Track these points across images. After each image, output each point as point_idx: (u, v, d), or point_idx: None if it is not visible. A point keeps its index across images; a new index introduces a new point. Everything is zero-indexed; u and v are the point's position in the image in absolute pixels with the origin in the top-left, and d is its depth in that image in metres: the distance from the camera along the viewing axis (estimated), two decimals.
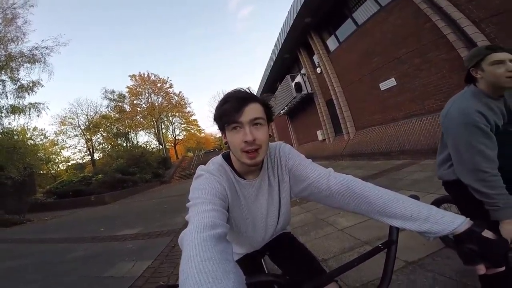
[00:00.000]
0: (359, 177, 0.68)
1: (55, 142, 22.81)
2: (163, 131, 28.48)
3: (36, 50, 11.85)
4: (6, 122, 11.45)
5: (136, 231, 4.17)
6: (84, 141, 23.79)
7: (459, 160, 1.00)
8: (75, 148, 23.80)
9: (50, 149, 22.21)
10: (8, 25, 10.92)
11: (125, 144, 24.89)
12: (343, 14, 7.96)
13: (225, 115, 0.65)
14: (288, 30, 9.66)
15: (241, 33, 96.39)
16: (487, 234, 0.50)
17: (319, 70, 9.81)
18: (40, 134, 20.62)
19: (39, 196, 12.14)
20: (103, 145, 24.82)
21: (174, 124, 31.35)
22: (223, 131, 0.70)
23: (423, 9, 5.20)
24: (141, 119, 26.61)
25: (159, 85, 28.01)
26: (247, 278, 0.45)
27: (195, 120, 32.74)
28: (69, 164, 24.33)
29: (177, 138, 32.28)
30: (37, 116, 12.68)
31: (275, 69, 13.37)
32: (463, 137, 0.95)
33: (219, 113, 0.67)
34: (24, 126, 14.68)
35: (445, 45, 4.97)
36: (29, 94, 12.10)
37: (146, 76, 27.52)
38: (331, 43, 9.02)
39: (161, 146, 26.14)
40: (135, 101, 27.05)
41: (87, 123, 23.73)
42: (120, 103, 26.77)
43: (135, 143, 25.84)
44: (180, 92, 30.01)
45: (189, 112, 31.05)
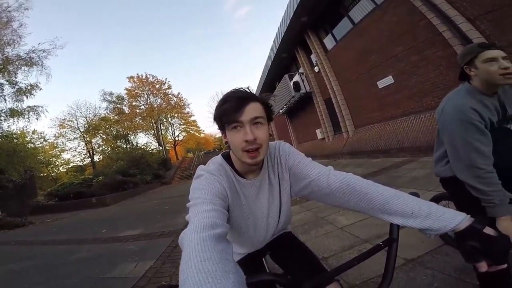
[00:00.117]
0: (359, 175, 0.68)
1: (55, 145, 22.80)
2: (163, 132, 28.42)
3: (33, 53, 11.74)
4: (5, 126, 11.40)
5: (137, 232, 4.18)
6: (84, 144, 23.77)
7: (455, 157, 1.01)
8: (75, 150, 23.81)
9: (50, 152, 22.17)
10: (3, 28, 10.79)
11: (125, 146, 24.83)
12: (339, 13, 7.97)
13: (225, 114, 0.65)
14: (285, 29, 9.67)
15: (239, 33, 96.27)
16: (488, 231, 0.49)
17: (317, 69, 9.82)
18: (40, 137, 20.60)
19: (40, 199, 12.16)
20: (103, 147, 24.79)
21: (173, 125, 31.33)
22: (223, 131, 0.70)
23: (418, 6, 5.21)
24: (140, 121, 26.54)
25: (157, 86, 27.93)
26: (247, 277, 0.44)
27: (194, 121, 32.72)
28: (69, 166, 24.39)
29: (176, 139, 32.20)
30: (36, 119, 12.57)
31: (273, 68, 13.37)
32: (458, 134, 0.96)
33: (219, 113, 0.67)
34: (24, 130, 14.67)
35: (441, 42, 4.99)
36: (27, 97, 12.00)
37: (144, 77, 27.45)
38: (328, 41, 9.02)
39: (161, 147, 26.09)
40: (133, 103, 26.99)
41: (86, 125, 23.68)
42: (119, 105, 26.67)
43: (135, 144, 25.81)
44: (179, 93, 30.05)
45: (188, 113, 31.04)
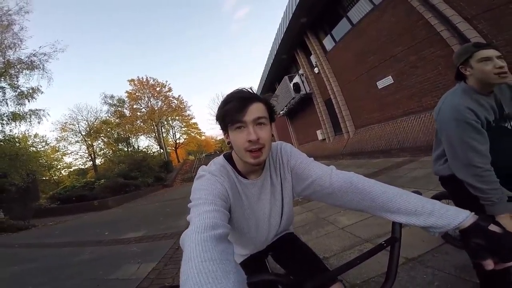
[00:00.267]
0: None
1: (57, 149, 22.89)
2: (164, 135, 28.47)
3: (35, 56, 11.80)
4: (7, 130, 11.46)
5: (140, 234, 4.20)
6: (86, 147, 23.84)
7: (453, 156, 1.02)
8: (77, 154, 23.89)
9: (52, 156, 22.29)
10: (4, 31, 10.86)
11: (126, 149, 24.90)
12: (338, 14, 8.01)
13: (228, 115, 0.65)
14: (284, 30, 9.71)
15: (238, 34, 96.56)
16: (493, 228, 0.48)
17: (316, 70, 9.85)
18: (42, 141, 20.73)
19: (43, 202, 12.20)
20: (105, 150, 24.84)
21: (174, 127, 31.38)
22: (225, 131, 0.69)
23: (416, 6, 5.24)
24: (141, 124, 26.57)
25: (158, 89, 27.99)
26: (248, 277, 0.44)
27: (195, 123, 32.75)
28: (71, 170, 24.49)
29: (177, 141, 32.30)
30: (38, 123, 12.63)
31: (273, 70, 13.41)
32: (455, 134, 0.97)
33: (222, 113, 0.67)
34: (25, 133, 14.78)
35: (439, 42, 5.01)
36: (29, 101, 12.06)
37: (144, 80, 27.54)
38: (328, 42, 9.06)
39: (162, 150, 26.11)
40: (134, 106, 27.02)
41: (88, 129, 23.75)
42: (120, 108, 26.76)
43: (136, 147, 25.89)
44: (180, 95, 30.05)
45: (188, 115, 31.04)
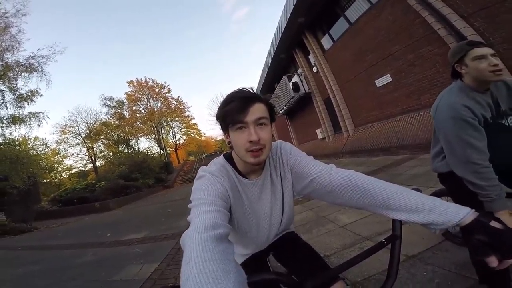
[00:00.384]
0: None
1: (57, 151, 22.92)
2: (164, 136, 28.49)
3: (33, 59, 11.81)
4: (7, 133, 11.49)
5: (142, 235, 4.22)
6: (86, 149, 23.87)
7: (452, 153, 1.03)
8: (77, 156, 23.92)
9: (52, 158, 22.26)
10: (1, 34, 10.86)
11: (126, 151, 24.91)
12: (335, 13, 8.02)
13: (229, 115, 0.65)
14: (282, 30, 9.72)
15: (238, 34, 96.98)
16: (494, 224, 0.48)
17: (315, 69, 9.87)
18: (42, 143, 20.75)
19: (44, 204, 12.22)
20: (105, 152, 24.87)
21: (174, 128, 31.41)
22: (226, 131, 0.69)
23: (413, 5, 5.26)
24: (141, 125, 26.58)
25: (157, 90, 28.00)
26: (249, 277, 0.44)
27: (195, 124, 32.80)
28: (72, 172, 24.49)
29: (177, 142, 32.31)
30: (38, 125, 12.68)
31: (272, 69, 13.43)
32: (453, 131, 0.98)
33: (223, 113, 0.67)
34: (25, 136, 14.77)
35: (436, 40, 5.02)
36: (28, 104, 12.06)
37: (143, 81, 27.56)
38: (326, 42, 9.07)
39: (162, 151, 26.16)
40: (134, 107, 27.05)
41: (88, 131, 23.78)
42: (119, 110, 26.78)
43: (136, 149, 25.90)
44: (179, 96, 30.12)
45: (188, 116, 31.10)
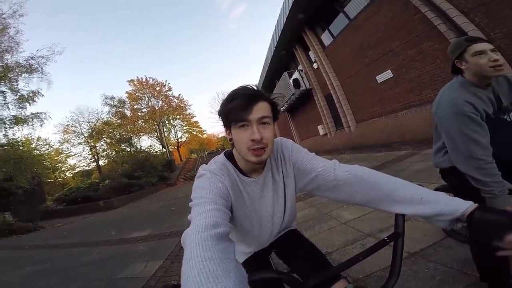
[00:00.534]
0: None
1: (60, 151, 23.09)
2: (166, 134, 28.55)
3: (33, 60, 11.77)
4: (10, 133, 11.53)
5: (146, 233, 4.28)
6: (89, 149, 24.03)
7: (455, 149, 1.02)
8: (80, 155, 24.07)
9: (55, 158, 22.45)
10: (0, 35, 10.83)
11: (129, 149, 25.03)
12: (334, 9, 7.93)
13: (232, 112, 0.64)
14: (282, 27, 9.62)
15: (236, 32, 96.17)
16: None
17: (315, 66, 9.79)
18: (45, 143, 20.90)
19: (49, 204, 12.39)
20: (108, 151, 24.96)
21: (176, 127, 31.51)
22: (228, 128, 0.68)
23: (412, 1, 5.19)
24: (143, 124, 26.68)
25: (158, 88, 28.01)
26: (249, 276, 0.44)
27: (196, 122, 32.92)
28: (76, 171, 24.68)
29: (179, 140, 32.42)
30: (40, 125, 12.67)
31: (272, 66, 13.33)
32: (455, 127, 0.98)
33: (225, 110, 0.65)
34: (28, 137, 14.88)
35: (436, 35, 4.96)
36: (30, 104, 12.03)
37: (144, 80, 27.57)
38: (326, 38, 8.98)
39: (164, 149, 26.24)
40: (135, 106, 27.11)
41: (90, 130, 23.89)
42: (121, 109, 26.81)
43: (138, 147, 26.01)
44: (180, 94, 30.23)
45: (189, 114, 31.18)
